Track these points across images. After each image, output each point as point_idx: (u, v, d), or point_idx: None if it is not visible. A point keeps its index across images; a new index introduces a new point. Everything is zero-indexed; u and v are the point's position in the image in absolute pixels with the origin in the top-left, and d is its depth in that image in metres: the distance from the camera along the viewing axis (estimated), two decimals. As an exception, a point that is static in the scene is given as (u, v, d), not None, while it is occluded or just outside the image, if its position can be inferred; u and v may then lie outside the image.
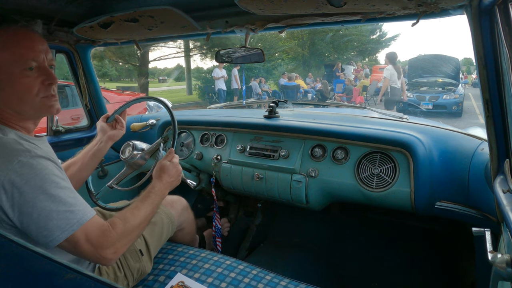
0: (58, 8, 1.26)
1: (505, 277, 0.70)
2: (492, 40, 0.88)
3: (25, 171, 0.81)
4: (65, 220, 0.83)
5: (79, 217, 0.85)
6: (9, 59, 0.87)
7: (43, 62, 0.92)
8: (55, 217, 0.82)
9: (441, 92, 10.41)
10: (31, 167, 0.82)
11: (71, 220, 0.84)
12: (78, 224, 0.84)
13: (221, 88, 11.45)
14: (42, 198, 0.81)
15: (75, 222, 0.84)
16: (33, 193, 0.80)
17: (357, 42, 19.39)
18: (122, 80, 20.86)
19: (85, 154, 1.30)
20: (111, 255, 0.90)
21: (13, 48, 0.87)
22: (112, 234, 0.91)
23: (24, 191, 0.80)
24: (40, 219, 0.81)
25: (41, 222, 0.81)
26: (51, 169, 0.85)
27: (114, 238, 0.91)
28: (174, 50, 13.53)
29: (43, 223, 0.81)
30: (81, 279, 0.44)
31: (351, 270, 1.84)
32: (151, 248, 1.23)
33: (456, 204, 1.29)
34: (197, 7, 1.23)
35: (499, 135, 0.94)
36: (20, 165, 0.81)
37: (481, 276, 1.23)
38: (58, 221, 0.82)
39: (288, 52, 18.06)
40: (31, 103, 0.91)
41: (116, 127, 1.37)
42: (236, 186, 1.74)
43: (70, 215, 0.84)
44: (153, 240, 1.25)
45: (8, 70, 0.87)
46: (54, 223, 0.82)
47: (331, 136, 1.52)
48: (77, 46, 1.76)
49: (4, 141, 0.85)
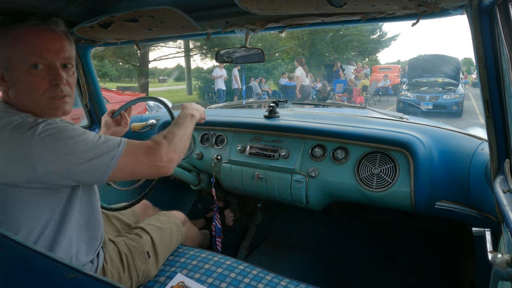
0: (58, 8, 1.26)
1: (505, 277, 0.70)
2: (492, 40, 0.88)
3: (47, 137, 0.83)
4: (103, 159, 0.88)
5: (114, 151, 0.90)
6: (16, 56, 0.88)
7: (54, 61, 0.91)
8: (95, 161, 0.87)
9: (441, 92, 10.42)
10: (51, 130, 0.84)
11: (109, 154, 0.89)
12: (118, 156, 0.90)
13: (220, 88, 11.44)
14: (71, 152, 0.85)
15: (114, 156, 0.90)
16: (62, 152, 0.84)
17: (357, 42, 19.42)
18: (122, 80, 20.88)
19: None
20: (166, 163, 0.99)
21: (21, 45, 0.88)
22: (160, 147, 0.99)
23: (54, 155, 0.83)
24: (79, 168, 0.86)
25: (84, 170, 0.86)
26: (68, 125, 0.89)
27: (164, 149, 0.99)
28: (174, 50, 13.55)
29: (86, 171, 0.87)
30: (82, 279, 0.44)
31: (351, 270, 1.84)
32: (159, 253, 1.23)
33: (456, 204, 1.29)
34: (197, 7, 1.23)
35: (499, 135, 0.94)
36: (42, 132, 0.83)
37: (481, 276, 1.23)
38: (98, 162, 0.87)
39: (288, 52, 18.06)
40: (36, 102, 0.91)
41: (120, 123, 1.38)
42: (236, 186, 1.74)
43: (106, 150, 0.89)
44: (161, 245, 1.25)
45: (16, 66, 0.88)
46: (96, 165, 0.87)
47: (331, 136, 1.52)
48: (77, 46, 1.75)
49: (19, 121, 0.86)
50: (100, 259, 1.08)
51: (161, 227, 1.31)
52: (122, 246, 1.17)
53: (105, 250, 1.12)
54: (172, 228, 1.35)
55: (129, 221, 1.44)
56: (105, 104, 2.03)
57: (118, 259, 1.13)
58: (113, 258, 1.12)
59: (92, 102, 1.94)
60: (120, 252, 1.14)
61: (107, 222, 1.36)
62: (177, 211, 1.51)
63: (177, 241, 1.36)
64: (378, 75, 15.66)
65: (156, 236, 1.25)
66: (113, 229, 1.36)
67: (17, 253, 0.48)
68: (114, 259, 1.12)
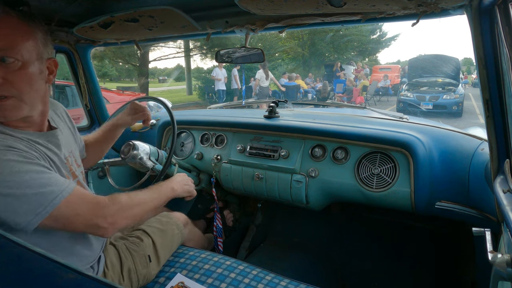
0: (58, 8, 1.26)
1: (505, 277, 0.70)
2: (492, 40, 0.88)
3: None
4: (36, 202, 0.77)
5: (54, 196, 0.79)
6: None
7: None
8: (25, 201, 0.76)
9: (441, 92, 10.41)
10: None
11: (46, 199, 0.78)
12: (55, 203, 0.79)
13: (220, 89, 11.42)
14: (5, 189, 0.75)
15: (51, 201, 0.79)
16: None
17: (357, 42, 19.42)
18: (123, 80, 20.88)
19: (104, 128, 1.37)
20: (107, 225, 0.88)
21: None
22: (110, 205, 0.90)
23: None
24: (8, 207, 0.75)
25: (14, 208, 0.76)
26: (10, 157, 0.78)
27: (113, 209, 0.90)
28: (174, 50, 13.53)
29: (16, 209, 0.76)
30: (81, 279, 0.44)
31: (351, 270, 1.84)
32: (160, 255, 1.22)
33: (456, 204, 1.29)
34: (197, 7, 1.23)
35: (499, 135, 0.94)
36: None
37: (481, 276, 1.23)
38: (29, 205, 0.76)
39: (288, 52, 18.06)
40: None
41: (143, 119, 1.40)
42: (236, 186, 1.74)
43: (40, 196, 0.78)
44: (163, 248, 1.25)
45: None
46: (25, 208, 0.76)
47: (331, 136, 1.52)
48: (77, 46, 1.76)
49: None
50: (101, 264, 1.07)
51: (163, 229, 1.30)
52: (124, 250, 1.15)
53: (106, 254, 1.11)
54: (174, 229, 1.34)
55: None
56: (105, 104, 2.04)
57: (119, 264, 1.12)
58: (114, 264, 1.11)
59: (92, 102, 1.94)
60: (121, 257, 1.13)
61: None
62: (179, 213, 1.50)
63: (178, 242, 1.35)
64: (378, 75, 15.65)
65: (157, 239, 1.24)
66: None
67: (16, 253, 0.48)
68: (115, 264, 1.11)
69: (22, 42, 0.82)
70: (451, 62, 11.79)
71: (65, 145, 1.02)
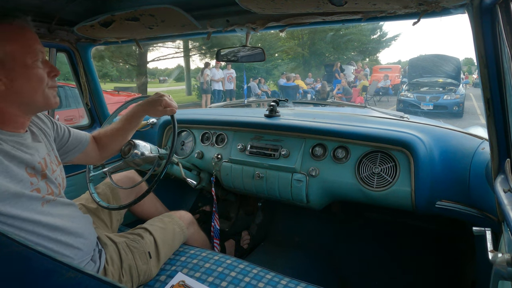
0: (58, 7, 1.26)
1: (505, 277, 0.70)
2: (493, 39, 0.88)
3: None
4: None
5: None
6: (21, 50, 0.88)
7: (45, 55, 0.95)
8: None
9: (442, 92, 10.39)
10: None
11: None
12: None
13: (216, 89, 11.31)
14: None
15: None
16: None
17: (358, 41, 19.39)
18: (123, 81, 20.87)
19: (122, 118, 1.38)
20: None
21: (22, 40, 0.89)
22: None
23: None
24: None
25: None
26: None
27: None
28: (173, 51, 13.53)
29: None
30: (81, 278, 0.44)
31: (351, 269, 1.84)
32: (161, 253, 1.23)
33: (456, 203, 1.29)
34: (198, 5, 1.23)
35: (500, 134, 0.94)
36: None
37: (481, 275, 1.22)
38: None
39: (288, 52, 18.06)
40: (42, 93, 0.93)
41: (166, 107, 1.36)
42: (237, 185, 1.74)
43: None
44: (164, 245, 1.25)
45: (22, 61, 0.88)
46: None
47: (332, 135, 1.52)
48: (78, 45, 1.76)
49: None
50: (102, 259, 1.08)
51: (164, 227, 1.31)
52: (124, 247, 1.17)
53: (106, 251, 1.12)
54: (175, 228, 1.34)
55: (117, 218, 1.45)
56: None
57: (119, 260, 1.13)
58: (114, 260, 1.12)
59: (93, 101, 1.94)
60: (120, 254, 1.14)
61: (97, 219, 1.36)
62: (185, 212, 1.50)
63: (180, 241, 1.36)
64: (379, 75, 15.64)
65: (158, 236, 1.25)
66: (104, 226, 1.37)
67: (16, 252, 0.48)
68: (115, 260, 1.12)
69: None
70: (452, 62, 11.76)
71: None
